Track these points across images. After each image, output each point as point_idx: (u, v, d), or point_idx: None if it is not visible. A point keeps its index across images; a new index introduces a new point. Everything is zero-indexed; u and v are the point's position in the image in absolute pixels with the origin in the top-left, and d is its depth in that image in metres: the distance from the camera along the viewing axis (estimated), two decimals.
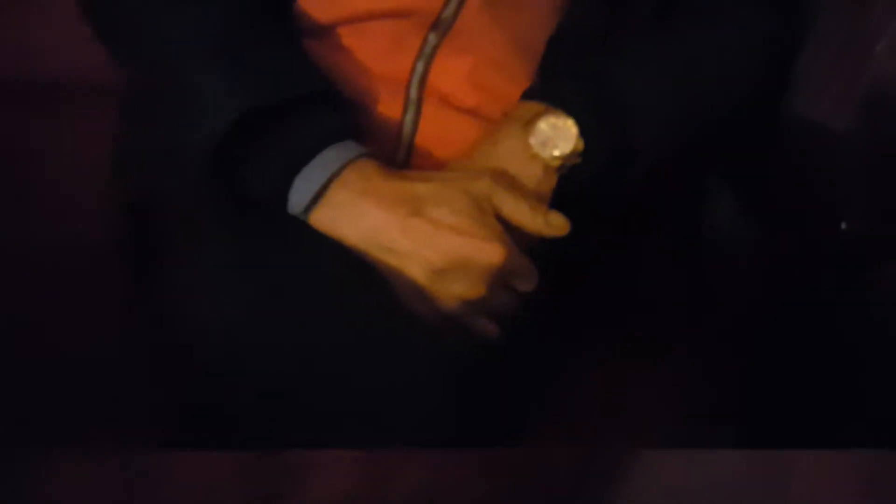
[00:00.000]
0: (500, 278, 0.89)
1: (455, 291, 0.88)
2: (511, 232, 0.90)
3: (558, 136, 0.92)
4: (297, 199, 0.89)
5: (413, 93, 0.97)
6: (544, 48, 0.97)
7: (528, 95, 0.95)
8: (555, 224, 0.91)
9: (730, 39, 1.00)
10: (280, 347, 0.86)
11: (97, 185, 1.07)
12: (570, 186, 0.94)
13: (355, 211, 0.89)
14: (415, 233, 0.88)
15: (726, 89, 0.99)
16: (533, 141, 0.92)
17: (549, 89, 0.94)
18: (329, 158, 0.90)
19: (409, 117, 0.97)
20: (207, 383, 0.87)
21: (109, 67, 0.99)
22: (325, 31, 0.97)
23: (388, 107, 0.97)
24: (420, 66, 0.96)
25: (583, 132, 0.92)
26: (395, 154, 0.98)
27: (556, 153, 0.92)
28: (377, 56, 0.97)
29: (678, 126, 0.97)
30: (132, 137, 1.04)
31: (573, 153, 0.92)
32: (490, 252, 0.88)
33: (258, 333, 0.87)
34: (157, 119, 0.97)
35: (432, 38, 0.96)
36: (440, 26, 0.96)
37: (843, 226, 0.97)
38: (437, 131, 0.97)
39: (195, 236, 0.94)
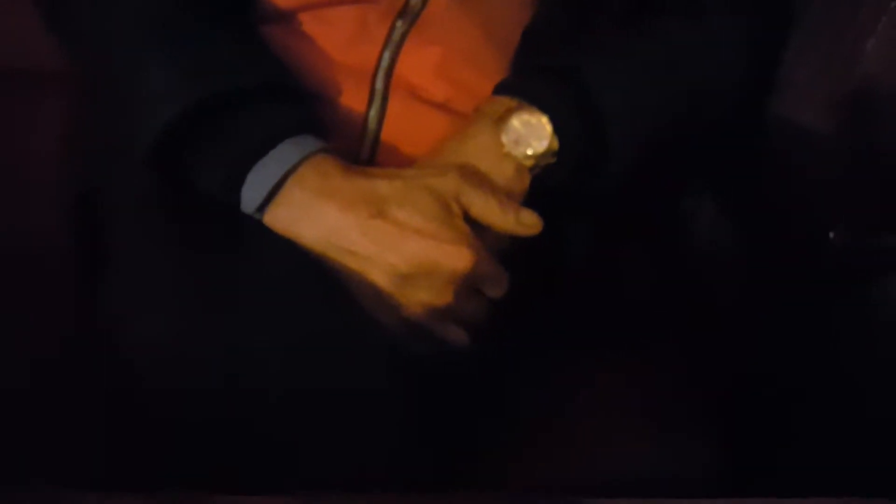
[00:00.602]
0: (467, 283, 0.86)
1: (420, 298, 0.85)
2: (481, 232, 0.88)
3: (532, 134, 0.89)
4: (250, 196, 0.86)
5: (379, 84, 0.94)
6: (517, 42, 0.94)
7: (500, 90, 0.92)
8: (526, 222, 0.88)
9: (710, 38, 0.97)
10: (225, 359, 0.82)
11: (48, 178, 1.05)
12: (543, 187, 0.91)
13: (313, 211, 0.85)
14: (377, 235, 0.85)
15: (706, 89, 0.97)
16: (505, 139, 0.89)
17: (522, 84, 0.91)
18: (285, 153, 0.86)
19: (374, 110, 0.94)
20: (143, 406, 0.83)
21: (64, 56, 0.97)
22: (287, 17, 0.95)
23: (353, 99, 0.94)
24: (387, 56, 0.94)
25: (557, 130, 0.89)
26: (360, 150, 0.94)
27: (530, 152, 0.89)
28: (341, 44, 0.94)
29: (655, 126, 0.94)
30: (82, 130, 1.02)
31: (547, 152, 0.90)
32: (457, 257, 0.85)
33: (203, 344, 0.82)
34: (103, 111, 0.94)
35: (400, 26, 0.93)
36: (408, 14, 0.93)
37: (832, 235, 0.94)
38: (404, 126, 0.94)
39: (139, 236, 0.90)
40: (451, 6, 0.93)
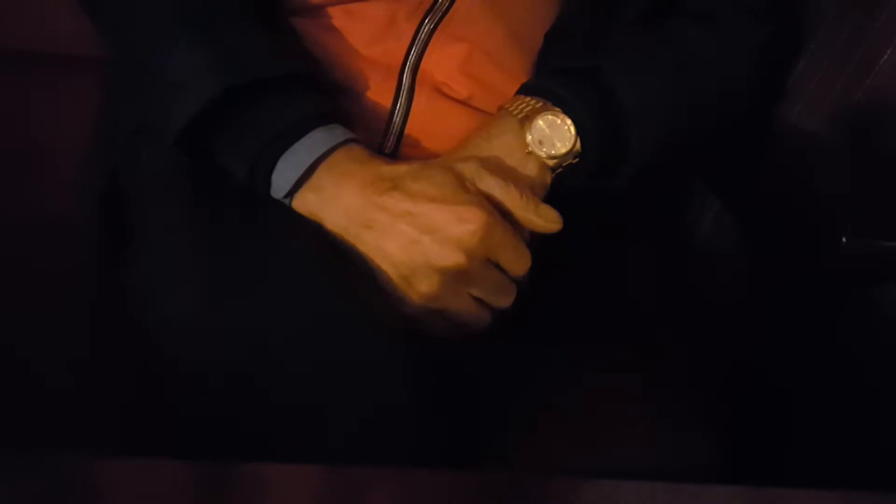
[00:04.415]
0: (484, 250, 0.86)
1: (433, 262, 0.84)
2: None
3: (556, 134, 0.90)
4: (280, 182, 0.87)
5: (406, 79, 0.95)
6: (540, 43, 0.95)
7: (525, 90, 0.93)
8: (546, 217, 0.88)
9: (723, 42, 0.98)
10: (247, 334, 0.82)
11: (76, 160, 1.05)
12: (560, 186, 0.91)
13: (336, 193, 0.86)
14: (392, 205, 0.85)
15: (718, 92, 0.98)
16: (530, 138, 0.90)
17: (547, 85, 0.92)
18: (315, 141, 0.87)
19: (400, 105, 0.95)
20: (163, 378, 0.83)
21: (92, 40, 0.98)
22: (317, 10, 0.95)
23: (379, 93, 0.95)
24: (414, 52, 0.94)
25: (580, 132, 0.90)
26: (384, 142, 0.95)
27: (553, 152, 0.90)
28: (369, 39, 0.95)
29: (671, 130, 0.95)
30: (110, 113, 1.02)
31: (570, 153, 0.90)
32: (468, 217, 0.85)
33: (225, 320, 0.82)
34: (132, 95, 0.95)
35: (427, 23, 0.94)
36: (435, 12, 0.94)
37: (844, 240, 0.95)
38: (428, 121, 0.95)
39: (164, 217, 0.91)
40: (477, 6, 0.94)
